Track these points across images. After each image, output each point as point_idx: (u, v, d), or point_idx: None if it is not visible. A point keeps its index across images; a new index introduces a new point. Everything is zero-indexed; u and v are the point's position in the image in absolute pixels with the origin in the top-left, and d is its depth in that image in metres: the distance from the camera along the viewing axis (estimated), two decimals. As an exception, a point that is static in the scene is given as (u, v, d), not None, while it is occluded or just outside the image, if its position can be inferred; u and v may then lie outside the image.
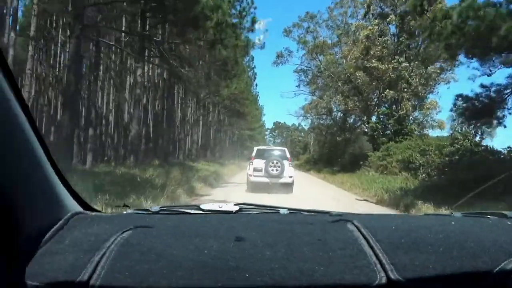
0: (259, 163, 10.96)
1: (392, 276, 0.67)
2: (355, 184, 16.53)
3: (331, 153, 33.04)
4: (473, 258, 0.72)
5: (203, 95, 28.37)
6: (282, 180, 10.88)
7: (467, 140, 13.36)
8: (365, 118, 26.99)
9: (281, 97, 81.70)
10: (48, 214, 0.85)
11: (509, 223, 0.98)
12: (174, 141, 26.69)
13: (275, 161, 10.95)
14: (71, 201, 0.98)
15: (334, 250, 0.74)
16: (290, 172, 11.10)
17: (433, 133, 22.49)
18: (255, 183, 10.95)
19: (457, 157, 12.97)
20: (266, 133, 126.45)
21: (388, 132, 24.07)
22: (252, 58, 40.93)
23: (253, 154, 11.60)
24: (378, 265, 0.70)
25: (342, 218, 0.93)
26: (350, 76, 25.62)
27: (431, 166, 13.97)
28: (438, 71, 21.42)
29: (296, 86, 36.39)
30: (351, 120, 32.79)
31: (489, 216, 1.10)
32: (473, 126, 14.03)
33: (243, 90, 31.78)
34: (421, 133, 22.57)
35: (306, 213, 1.12)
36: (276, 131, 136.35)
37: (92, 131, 18.84)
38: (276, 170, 10.83)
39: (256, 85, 45.61)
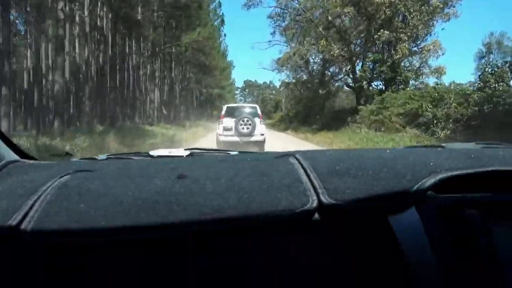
0: (229, 121, 10.43)
1: (323, 199, 0.71)
2: (349, 145, 13.47)
3: (308, 110, 29.70)
4: (397, 177, 0.75)
5: (161, 45, 23.62)
6: (253, 139, 10.37)
7: (502, 83, 10.15)
8: (349, 67, 23.49)
9: (252, 49, 75.32)
10: None
11: (440, 149, 1.03)
12: (126, 101, 22.23)
13: (245, 119, 10.40)
14: (6, 149, 0.96)
15: (272, 181, 0.77)
16: (261, 130, 10.66)
17: (430, 81, 19.32)
18: (225, 142, 10.33)
19: (490, 105, 9.81)
20: (237, 92, 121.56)
21: (379, 82, 20.80)
22: (220, 4, 35.86)
23: (223, 112, 11.08)
24: (312, 190, 0.73)
25: (285, 154, 0.95)
26: (333, 20, 21.67)
27: (454, 118, 10.77)
28: (441, 5, 17.77)
29: (271, 33, 31.51)
30: (331, 72, 29.22)
31: (429, 148, 1.18)
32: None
33: (208, 37, 27.23)
34: (418, 81, 19.39)
35: (256, 154, 1.16)
36: (247, 90, 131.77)
37: (5, 89, 14.19)
38: (247, 128, 10.33)
39: (225, 35, 40.45)
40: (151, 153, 1.12)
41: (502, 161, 0.82)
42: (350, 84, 23.80)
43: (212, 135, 13.24)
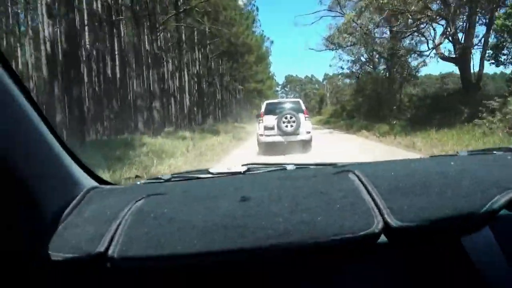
0: (270, 119, 9.44)
1: (389, 220, 0.69)
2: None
3: (376, 99, 21.71)
4: (467, 196, 0.72)
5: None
6: (299, 138, 9.36)
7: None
8: (446, 30, 15.38)
9: (295, 25, 66.22)
10: (65, 192, 0.88)
11: (509, 157, 0.97)
12: (124, 104, 15.91)
13: (288, 116, 9.39)
14: (86, 177, 1.01)
15: (334, 200, 0.77)
16: (307, 127, 9.55)
17: None
18: (267, 143, 9.47)
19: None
20: (277, 88, 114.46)
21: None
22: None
23: (262, 110, 10.02)
24: (376, 210, 0.72)
25: (344, 169, 0.95)
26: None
27: None
28: None
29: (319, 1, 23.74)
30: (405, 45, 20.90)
31: (494, 152, 1.12)
32: None
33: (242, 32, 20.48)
34: None
35: (312, 166, 1.15)
36: (288, 86, 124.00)
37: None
38: (291, 126, 9.30)
39: (257, 8, 32.79)
40: (211, 170, 1.17)
41: None
42: (451, 55, 15.58)
43: (253, 140, 11.55)
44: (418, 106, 16.74)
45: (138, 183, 1.18)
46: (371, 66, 26.51)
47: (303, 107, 10.10)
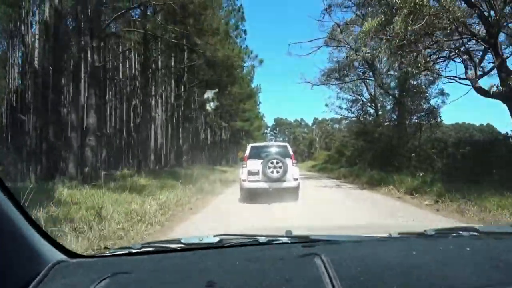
0: (255, 164, 8.75)
1: None
2: None
3: (389, 145, 17.56)
4: None
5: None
6: (285, 185, 8.65)
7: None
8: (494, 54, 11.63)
9: (288, 55, 54.27)
10: (29, 267, 0.86)
11: (468, 248, 0.97)
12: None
13: (274, 161, 8.71)
14: (51, 249, 0.97)
15: None
16: (294, 173, 8.85)
17: None
18: (250, 189, 8.75)
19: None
20: (267, 131, 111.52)
21: None
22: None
23: (247, 153, 9.27)
24: None
25: (311, 252, 0.95)
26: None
27: None
28: None
29: (323, 11, 19.35)
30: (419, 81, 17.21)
31: (460, 232, 1.17)
32: None
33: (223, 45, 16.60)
34: None
35: (284, 239, 1.14)
36: (278, 129, 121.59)
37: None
38: (277, 172, 8.60)
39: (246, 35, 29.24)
40: (183, 240, 1.14)
41: None
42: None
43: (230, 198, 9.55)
44: (450, 154, 12.59)
45: (108, 253, 1.15)
46: (373, 107, 22.88)
47: (291, 152, 9.46)
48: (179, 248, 1.10)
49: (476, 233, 1.14)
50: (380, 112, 21.49)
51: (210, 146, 37.58)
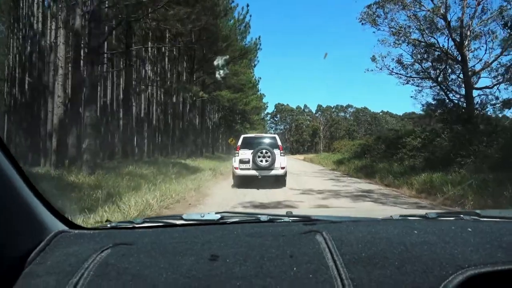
0: (246, 153, 9.77)
1: None
2: None
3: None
4: (425, 273, 0.74)
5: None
6: (273, 172, 9.73)
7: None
8: None
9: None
10: (32, 235, 0.88)
11: (470, 229, 0.98)
12: None
13: (264, 151, 9.73)
14: (54, 219, 0.99)
15: (300, 265, 0.78)
16: (282, 162, 9.88)
17: None
18: (242, 176, 9.83)
19: None
20: (267, 118, 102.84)
21: None
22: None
23: (239, 143, 10.30)
24: (338, 280, 0.73)
25: (313, 229, 0.97)
26: None
27: None
28: None
29: None
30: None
31: (461, 216, 1.16)
32: None
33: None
34: None
35: (285, 218, 1.16)
36: (278, 116, 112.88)
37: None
38: (266, 161, 9.64)
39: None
40: (184, 216, 1.15)
41: None
42: None
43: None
44: None
45: (109, 225, 1.15)
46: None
47: (279, 143, 10.22)
48: (180, 224, 1.12)
49: (478, 217, 1.13)
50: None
51: (192, 133, 29.14)
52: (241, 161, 9.63)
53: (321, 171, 18.84)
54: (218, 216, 1.13)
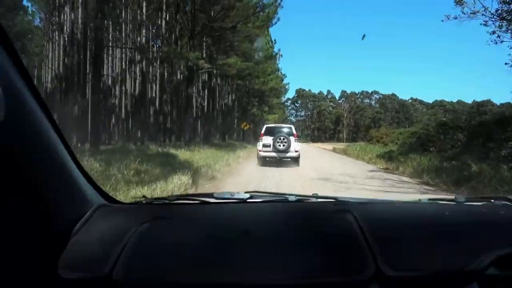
0: (268, 139, 12.27)
1: (381, 268, 0.72)
2: None
3: None
4: (455, 254, 0.75)
5: None
6: (288, 155, 12.15)
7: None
8: None
9: None
10: (76, 207, 0.92)
11: (502, 212, 0.98)
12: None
13: (282, 137, 12.15)
14: (96, 194, 1.04)
15: (331, 244, 0.79)
16: (296, 147, 12.26)
17: None
18: (264, 157, 12.38)
19: None
20: (287, 103, 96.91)
21: None
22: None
23: (262, 131, 12.89)
24: (370, 258, 0.75)
25: (343, 208, 0.95)
26: None
27: None
28: None
29: None
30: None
31: (492, 200, 1.16)
32: None
33: None
34: None
35: (313, 199, 1.16)
36: (299, 102, 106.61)
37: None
38: (283, 145, 12.06)
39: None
40: (216, 195, 1.17)
41: None
42: None
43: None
44: None
45: (144, 201, 1.21)
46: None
47: (294, 132, 12.86)
48: (212, 202, 1.14)
49: (509, 202, 1.12)
50: None
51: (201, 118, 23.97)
52: (264, 145, 12.24)
53: (374, 173, 11.27)
54: (247, 195, 1.16)
